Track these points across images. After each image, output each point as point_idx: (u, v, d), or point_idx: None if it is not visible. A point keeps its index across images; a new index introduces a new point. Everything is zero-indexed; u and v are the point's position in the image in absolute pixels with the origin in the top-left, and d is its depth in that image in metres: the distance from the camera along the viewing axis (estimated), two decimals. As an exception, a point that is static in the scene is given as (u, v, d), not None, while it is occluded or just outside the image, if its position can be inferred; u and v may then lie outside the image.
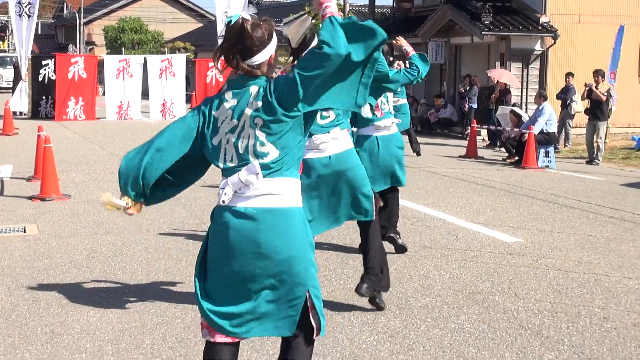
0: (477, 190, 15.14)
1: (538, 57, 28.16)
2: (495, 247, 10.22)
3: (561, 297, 8.06)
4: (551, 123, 20.22)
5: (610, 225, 11.94)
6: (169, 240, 10.24)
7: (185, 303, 7.49)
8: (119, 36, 64.28)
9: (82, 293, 7.89)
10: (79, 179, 15.49)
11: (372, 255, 7.28)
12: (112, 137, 24.59)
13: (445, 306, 7.66)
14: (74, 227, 10.98)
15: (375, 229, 7.33)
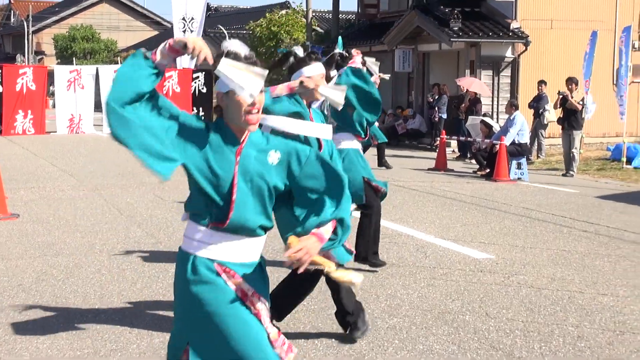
0: (446, 204, 14.90)
1: (509, 64, 28.04)
2: (465, 264, 9.99)
3: (534, 315, 7.88)
4: (523, 133, 20.02)
5: (584, 240, 11.72)
6: (124, 261, 9.93)
7: (140, 328, 7.29)
8: (70, 45, 63.59)
9: (31, 318, 7.61)
10: (28, 197, 15.14)
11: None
12: (63, 153, 24.29)
13: (414, 327, 7.45)
14: (23, 249, 10.63)
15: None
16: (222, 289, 4.07)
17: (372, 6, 36.16)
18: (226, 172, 4.04)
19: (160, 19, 74.29)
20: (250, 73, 3.91)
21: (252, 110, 4.01)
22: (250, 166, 4.07)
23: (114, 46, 65.14)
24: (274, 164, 4.11)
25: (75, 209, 13.67)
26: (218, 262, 4.09)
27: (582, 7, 28.17)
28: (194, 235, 4.13)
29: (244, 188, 4.06)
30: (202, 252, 4.10)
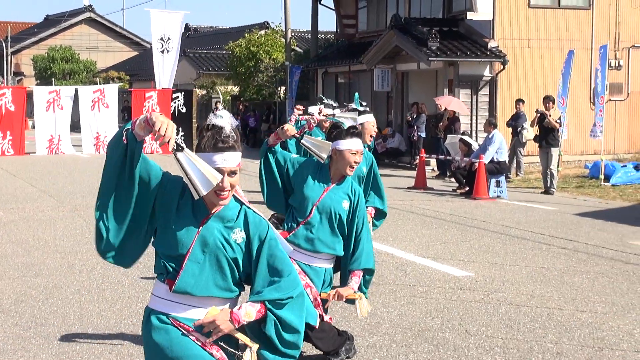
0: (426, 222, 14.92)
1: (487, 83, 28.12)
2: (445, 282, 10.00)
3: (513, 332, 7.90)
4: (502, 151, 20.09)
5: (563, 257, 11.77)
6: (103, 281, 9.89)
7: (120, 348, 7.29)
8: (49, 66, 63.19)
9: (10, 339, 7.56)
10: (7, 218, 15.07)
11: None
12: (42, 173, 24.16)
13: (394, 345, 7.46)
14: (2, 270, 10.57)
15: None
16: (179, 337, 4.10)
17: (351, 26, 36.26)
18: (184, 240, 4.08)
19: (140, 40, 74.04)
20: (206, 172, 3.95)
21: (222, 191, 4.06)
22: (210, 239, 4.10)
23: (94, 67, 64.85)
24: (237, 241, 4.14)
25: (55, 230, 13.61)
26: (172, 317, 4.12)
27: (558, 26, 28.35)
28: (155, 291, 4.19)
29: (199, 258, 4.09)
30: (159, 307, 4.14)
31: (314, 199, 6.50)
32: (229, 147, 4.08)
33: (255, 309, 4.09)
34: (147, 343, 4.19)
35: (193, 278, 4.07)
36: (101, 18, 72.60)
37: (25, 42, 71.01)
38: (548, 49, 27.83)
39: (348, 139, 6.49)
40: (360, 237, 6.53)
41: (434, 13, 30.54)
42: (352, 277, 6.47)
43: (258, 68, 39.22)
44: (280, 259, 4.19)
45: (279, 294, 4.11)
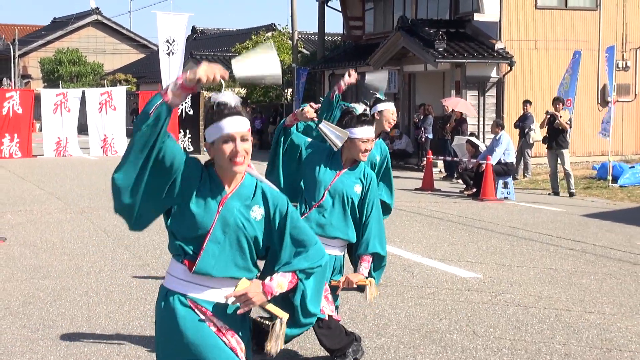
0: (433, 224, 14.91)
1: (494, 84, 28.10)
2: (452, 283, 9.98)
3: (521, 333, 7.88)
4: (509, 153, 20.07)
5: (571, 258, 11.74)
6: (111, 283, 9.89)
7: (128, 350, 7.27)
8: (57, 69, 63.27)
9: (18, 341, 7.56)
10: (15, 220, 15.08)
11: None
12: (50, 176, 24.22)
13: (402, 346, 7.44)
14: (10, 272, 10.57)
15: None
16: (196, 322, 4.10)
17: (358, 28, 36.27)
18: (204, 221, 4.09)
19: (147, 42, 74.08)
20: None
21: (237, 157, 4.06)
22: (231, 218, 4.11)
23: (101, 69, 64.92)
24: (257, 219, 4.16)
25: (63, 232, 13.63)
26: (190, 298, 4.13)
27: (565, 27, 28.32)
28: (172, 271, 4.19)
29: (219, 239, 4.10)
30: (176, 287, 4.15)
31: (325, 183, 6.52)
32: (237, 112, 4.10)
33: (287, 279, 4.14)
34: (162, 324, 4.19)
35: (214, 259, 4.08)
36: (108, 20, 72.67)
37: (32, 44, 71.10)
38: (555, 50, 27.79)
39: (359, 127, 6.50)
40: (368, 221, 6.55)
41: (440, 14, 30.53)
42: (362, 262, 6.52)
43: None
44: (304, 230, 4.24)
45: (308, 263, 4.17)
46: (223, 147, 4.06)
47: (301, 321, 4.29)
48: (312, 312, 4.28)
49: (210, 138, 4.13)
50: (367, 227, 6.56)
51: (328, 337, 6.77)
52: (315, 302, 4.29)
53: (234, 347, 4.15)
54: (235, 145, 4.05)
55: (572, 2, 28.82)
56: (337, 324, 6.82)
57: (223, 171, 4.15)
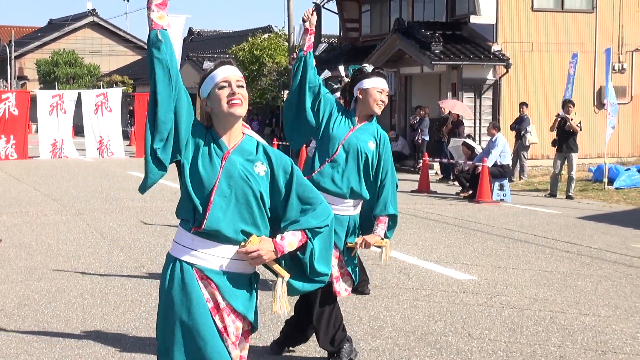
0: (429, 226, 14.90)
1: (490, 86, 28.15)
2: (448, 286, 9.97)
3: (516, 336, 7.87)
4: (505, 155, 20.08)
5: (566, 260, 11.74)
6: (106, 285, 9.86)
7: (123, 352, 7.24)
8: (53, 70, 63.23)
9: (13, 343, 7.53)
10: (11, 222, 15.05)
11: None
12: (46, 177, 24.18)
13: (397, 348, 7.42)
14: (5, 273, 10.54)
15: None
16: (195, 297, 4.14)
17: (354, 30, 36.30)
18: (210, 176, 4.13)
19: (143, 44, 73.89)
20: None
21: (234, 98, 4.12)
22: (235, 172, 4.15)
23: (97, 71, 64.90)
24: (260, 174, 4.19)
25: (58, 234, 13.61)
26: (197, 267, 4.16)
27: (562, 29, 28.35)
28: (179, 239, 4.22)
29: (225, 192, 4.13)
30: (184, 256, 4.17)
31: (339, 137, 6.57)
32: (228, 62, 4.22)
33: (297, 238, 4.18)
34: (162, 295, 4.23)
35: (221, 212, 4.11)
36: (105, 22, 72.63)
37: (28, 46, 71.01)
38: (551, 52, 27.84)
39: (373, 77, 6.54)
40: (385, 182, 6.63)
41: (437, 17, 30.56)
42: (378, 223, 6.57)
43: (261, 72, 39.16)
44: (309, 188, 4.28)
45: (317, 222, 4.21)
46: (219, 93, 4.14)
47: (312, 278, 4.30)
48: (321, 271, 4.28)
49: (205, 92, 4.21)
50: (383, 187, 6.64)
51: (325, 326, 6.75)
52: (324, 261, 4.29)
53: (226, 326, 4.17)
54: (232, 88, 4.13)
55: (569, 4, 28.87)
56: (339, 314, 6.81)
57: (222, 124, 4.20)
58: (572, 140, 20.21)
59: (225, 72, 4.16)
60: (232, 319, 4.19)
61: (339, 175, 6.55)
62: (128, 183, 22.30)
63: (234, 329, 4.19)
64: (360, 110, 6.68)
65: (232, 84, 4.15)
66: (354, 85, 6.72)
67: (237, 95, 4.12)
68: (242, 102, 4.15)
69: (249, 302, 4.25)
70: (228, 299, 4.17)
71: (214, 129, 4.23)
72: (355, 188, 6.57)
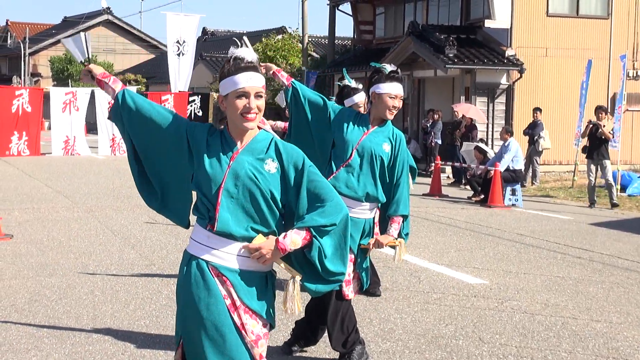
0: (441, 229, 14.87)
1: (504, 91, 28.08)
2: (459, 289, 9.94)
3: (527, 341, 7.84)
4: (517, 160, 20.01)
5: (578, 266, 11.69)
6: (117, 282, 9.87)
7: (133, 349, 7.24)
8: (66, 67, 63.29)
9: (24, 338, 7.54)
10: (22, 218, 15.07)
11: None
12: (57, 174, 24.20)
13: (407, 351, 7.41)
14: (16, 269, 10.55)
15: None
16: (213, 295, 4.15)
17: (368, 32, 36.27)
18: (217, 176, 4.14)
19: (157, 43, 74.10)
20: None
21: (249, 113, 4.12)
22: (242, 172, 4.14)
23: (111, 69, 64.96)
24: (271, 172, 4.18)
25: (70, 230, 13.63)
26: (213, 265, 4.16)
27: (576, 35, 28.28)
28: (196, 236, 4.23)
29: (232, 192, 4.13)
30: (200, 253, 4.19)
31: (353, 141, 6.56)
32: (253, 67, 4.16)
33: (301, 236, 4.14)
34: (180, 292, 4.23)
35: (229, 212, 4.12)
36: (119, 21, 72.75)
37: (43, 43, 71.18)
38: (566, 57, 27.77)
39: (388, 82, 6.52)
40: (399, 182, 6.64)
41: (451, 20, 30.52)
42: (392, 223, 6.58)
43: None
44: (321, 185, 4.23)
45: (323, 220, 4.15)
46: (236, 102, 4.12)
47: (325, 278, 4.26)
48: (335, 271, 4.24)
49: (224, 91, 4.19)
50: (398, 187, 6.65)
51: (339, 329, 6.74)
52: (337, 261, 4.23)
53: (245, 322, 4.17)
54: (249, 102, 4.11)
55: (584, 10, 28.79)
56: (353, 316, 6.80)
57: (235, 127, 4.20)
58: (604, 147, 19.79)
59: (246, 82, 4.12)
60: (249, 317, 4.18)
61: (354, 180, 6.56)
62: (140, 181, 22.26)
63: (252, 326, 4.19)
64: (374, 113, 6.67)
65: (250, 96, 4.12)
66: (371, 87, 6.71)
67: (253, 110, 4.11)
68: (256, 116, 4.15)
69: (263, 300, 4.24)
70: (242, 297, 4.16)
71: (227, 129, 4.25)
72: (371, 192, 6.57)
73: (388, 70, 6.64)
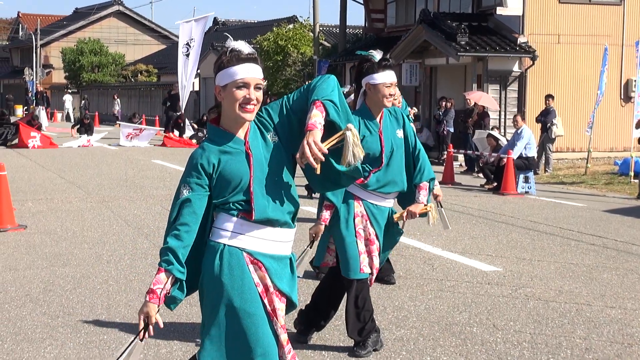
0: (454, 217, 14.83)
1: (516, 78, 27.99)
2: (472, 277, 9.93)
3: (541, 327, 7.83)
4: (530, 147, 19.96)
5: (592, 253, 11.66)
6: (131, 272, 9.90)
7: (147, 338, 7.13)
8: (78, 59, 63.44)
9: (38, 328, 7.59)
10: (36, 208, 15.11)
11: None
12: (70, 165, 24.27)
13: (421, 338, 7.41)
14: (30, 259, 10.59)
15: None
16: (247, 281, 4.16)
17: (379, 20, 36.19)
18: (244, 172, 4.14)
19: (168, 33, 74.24)
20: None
21: (248, 104, 4.12)
22: (260, 155, 4.18)
23: (122, 60, 65.11)
24: (275, 141, 4.23)
25: (83, 221, 13.66)
26: (247, 251, 4.18)
27: (589, 21, 28.15)
28: (222, 225, 4.20)
29: (261, 179, 4.15)
30: (232, 241, 4.18)
31: (376, 150, 6.53)
32: (253, 59, 4.15)
33: (315, 109, 4.12)
34: (215, 280, 4.19)
35: (264, 198, 4.15)
36: (130, 11, 72.93)
37: (54, 34, 71.40)
38: (578, 44, 27.66)
39: (381, 72, 6.47)
40: (417, 150, 6.74)
41: (463, 8, 30.42)
42: (420, 190, 6.64)
43: (286, 62, 39.19)
44: (300, 90, 4.30)
45: (322, 92, 4.18)
46: (236, 92, 4.11)
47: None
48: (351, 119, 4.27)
49: (222, 81, 4.16)
50: (418, 157, 6.73)
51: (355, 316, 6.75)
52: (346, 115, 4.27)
53: (276, 309, 4.21)
54: (249, 92, 4.10)
55: (596, -4, 28.67)
56: (370, 306, 6.81)
57: (231, 119, 4.19)
58: None
59: (246, 73, 4.11)
60: (278, 301, 4.24)
61: (386, 179, 6.59)
62: (152, 171, 22.35)
63: (281, 310, 4.25)
64: (371, 104, 6.61)
65: (250, 87, 4.12)
66: (362, 78, 6.63)
67: (253, 101, 4.12)
68: (254, 108, 4.15)
69: (292, 282, 4.32)
70: (275, 281, 4.21)
71: (223, 123, 4.24)
72: (400, 187, 6.65)
73: (378, 58, 6.57)
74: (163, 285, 4.10)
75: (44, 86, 63.95)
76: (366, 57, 6.61)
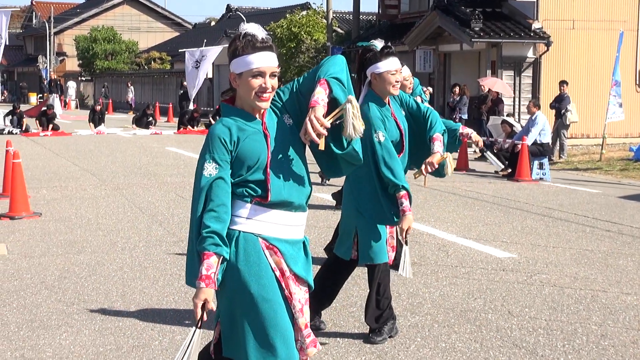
0: (468, 204, 14.81)
1: (530, 64, 27.88)
2: (487, 263, 9.91)
3: (557, 314, 7.81)
4: (545, 133, 19.89)
5: (607, 240, 11.62)
6: (145, 259, 9.92)
7: (162, 325, 7.27)
8: (91, 46, 63.47)
9: (54, 315, 7.61)
10: (50, 196, 15.16)
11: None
12: (84, 152, 24.34)
13: (436, 325, 7.41)
14: (45, 247, 10.62)
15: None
16: (264, 266, 4.16)
17: (393, 7, 36.06)
18: (262, 149, 4.15)
19: (181, 20, 74.25)
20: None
21: (264, 92, 4.12)
22: (277, 136, 4.19)
23: (135, 47, 65.11)
24: (290, 124, 4.26)
25: (97, 208, 13.69)
26: (263, 237, 4.17)
27: (604, 7, 28.00)
28: (237, 212, 4.18)
29: (276, 159, 4.16)
30: (246, 227, 4.17)
31: (396, 136, 6.58)
32: (268, 47, 4.14)
33: (319, 86, 4.18)
34: (231, 268, 4.17)
35: (279, 180, 4.15)
36: (142, -2, 72.82)
37: (67, 22, 71.44)
38: (593, 30, 27.51)
39: (384, 60, 6.46)
40: (428, 113, 6.80)
41: (477, -6, 30.27)
42: (434, 142, 6.65)
43: (299, 49, 39.12)
44: (305, 77, 4.35)
45: (328, 70, 4.24)
46: (251, 81, 4.10)
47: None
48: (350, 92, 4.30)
49: (238, 69, 4.14)
50: (429, 116, 6.77)
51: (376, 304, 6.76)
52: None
53: (293, 293, 4.23)
54: (265, 81, 4.10)
55: (611, -19, 28.52)
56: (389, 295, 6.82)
57: (247, 105, 4.20)
58: None
59: (261, 62, 4.10)
60: (294, 284, 4.24)
61: (403, 163, 6.63)
62: (166, 159, 22.39)
63: (298, 294, 4.25)
64: (379, 92, 6.59)
65: (266, 75, 4.12)
66: (366, 68, 6.61)
67: (269, 90, 4.12)
68: (269, 96, 4.15)
69: (307, 266, 4.33)
70: (291, 265, 4.21)
71: (238, 104, 4.24)
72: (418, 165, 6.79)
73: (379, 47, 6.56)
74: (215, 269, 4.04)
75: (57, 74, 64.12)
76: (368, 47, 6.61)
